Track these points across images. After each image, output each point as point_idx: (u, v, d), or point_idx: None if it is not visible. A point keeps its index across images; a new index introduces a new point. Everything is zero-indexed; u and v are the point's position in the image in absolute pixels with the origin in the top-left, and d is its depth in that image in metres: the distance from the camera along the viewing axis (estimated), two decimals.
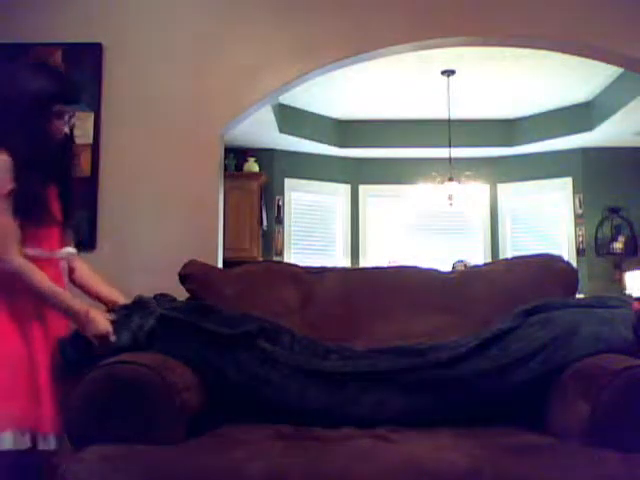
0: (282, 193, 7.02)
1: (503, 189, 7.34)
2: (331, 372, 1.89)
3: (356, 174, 7.35)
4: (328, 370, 1.89)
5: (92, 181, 3.26)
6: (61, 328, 1.87)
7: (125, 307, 1.95)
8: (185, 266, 2.31)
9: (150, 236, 3.26)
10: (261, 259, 6.42)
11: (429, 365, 1.88)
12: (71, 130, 1.97)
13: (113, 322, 1.86)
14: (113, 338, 1.82)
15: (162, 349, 1.82)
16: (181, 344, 1.86)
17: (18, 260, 1.76)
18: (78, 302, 1.84)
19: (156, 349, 1.82)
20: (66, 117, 1.91)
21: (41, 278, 1.78)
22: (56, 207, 1.93)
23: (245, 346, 1.90)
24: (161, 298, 2.09)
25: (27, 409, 1.70)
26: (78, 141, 3.24)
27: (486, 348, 1.89)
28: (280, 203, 7.01)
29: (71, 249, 1.99)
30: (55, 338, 1.82)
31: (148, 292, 2.48)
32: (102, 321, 1.82)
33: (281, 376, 1.88)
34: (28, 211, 1.79)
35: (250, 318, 2.00)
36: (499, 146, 7.06)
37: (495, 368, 1.85)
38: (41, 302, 1.80)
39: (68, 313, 1.82)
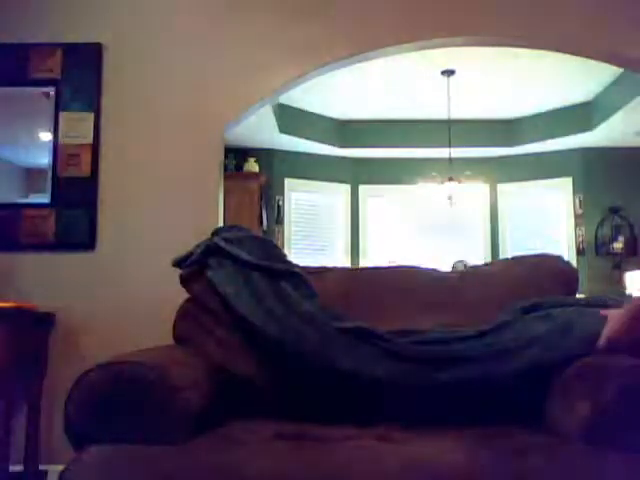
0: (282, 193, 7.03)
1: (503, 189, 7.34)
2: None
3: (356, 174, 7.36)
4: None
5: (92, 181, 3.26)
6: None
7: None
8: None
9: (150, 236, 3.26)
10: None
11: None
12: None
13: None
14: None
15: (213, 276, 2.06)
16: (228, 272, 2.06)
17: None
18: None
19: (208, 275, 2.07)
20: None
21: None
22: None
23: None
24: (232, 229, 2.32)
25: None
26: (78, 141, 3.28)
27: (481, 337, 1.90)
28: (280, 203, 7.01)
29: None
30: None
31: (148, 292, 2.48)
32: None
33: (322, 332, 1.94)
34: None
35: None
36: (499, 146, 7.07)
37: (488, 354, 1.85)
38: None
39: None
